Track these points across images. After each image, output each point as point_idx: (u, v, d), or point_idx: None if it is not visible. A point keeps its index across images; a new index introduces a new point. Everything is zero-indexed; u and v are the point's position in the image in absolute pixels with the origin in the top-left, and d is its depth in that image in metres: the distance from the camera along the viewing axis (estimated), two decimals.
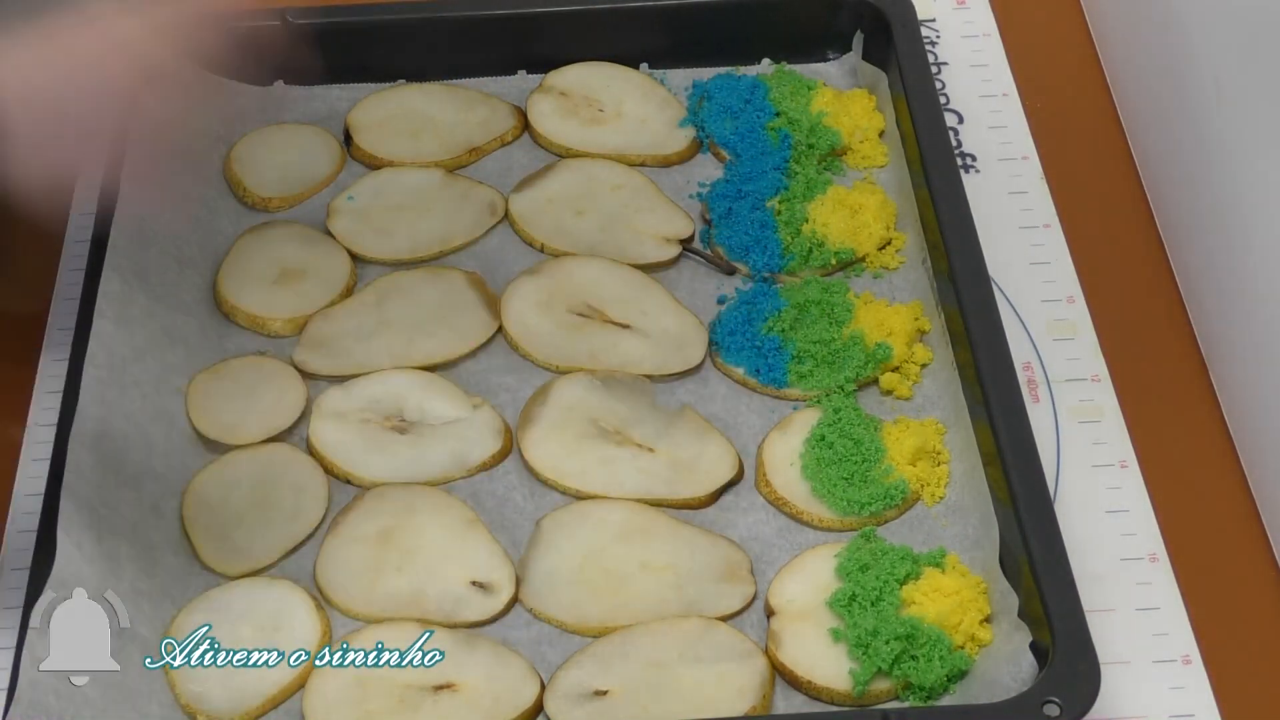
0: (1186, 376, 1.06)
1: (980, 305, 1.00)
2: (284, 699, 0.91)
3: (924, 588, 0.92)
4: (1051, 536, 0.90)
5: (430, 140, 1.16)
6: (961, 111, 1.21)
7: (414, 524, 0.97)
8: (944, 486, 0.99)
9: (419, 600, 0.94)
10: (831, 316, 1.04)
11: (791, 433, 1.00)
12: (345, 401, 1.02)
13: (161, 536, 0.96)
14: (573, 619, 0.93)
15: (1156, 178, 1.15)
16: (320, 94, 1.20)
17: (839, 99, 1.17)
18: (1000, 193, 1.15)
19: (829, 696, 0.90)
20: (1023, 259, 1.11)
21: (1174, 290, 1.10)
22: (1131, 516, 0.99)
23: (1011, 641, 0.88)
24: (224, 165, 1.15)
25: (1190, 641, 0.94)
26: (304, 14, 1.18)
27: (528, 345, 1.05)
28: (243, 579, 0.95)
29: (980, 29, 1.26)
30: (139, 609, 0.92)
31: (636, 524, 0.97)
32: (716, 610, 0.93)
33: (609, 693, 0.90)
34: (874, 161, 1.15)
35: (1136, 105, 1.19)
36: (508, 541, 0.97)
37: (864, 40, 1.18)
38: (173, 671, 0.91)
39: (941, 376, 1.03)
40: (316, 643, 0.92)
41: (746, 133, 1.15)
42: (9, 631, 0.91)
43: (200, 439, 1.01)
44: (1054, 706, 0.83)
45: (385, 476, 0.99)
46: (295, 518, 0.97)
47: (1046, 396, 1.04)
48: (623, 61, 1.21)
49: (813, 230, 1.10)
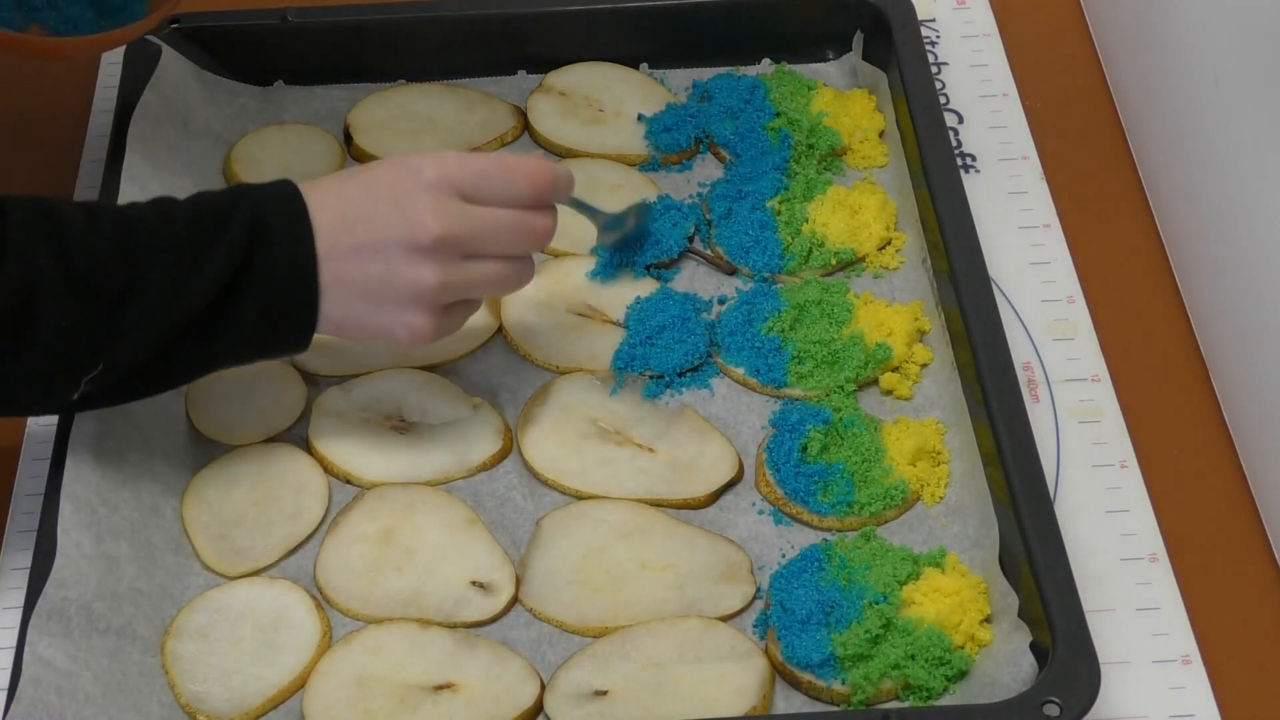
0: (1186, 376, 1.06)
1: (980, 305, 1.00)
2: (284, 699, 0.91)
3: (924, 588, 0.92)
4: (1051, 536, 0.90)
5: (430, 140, 1.16)
6: (961, 111, 1.21)
7: (414, 524, 0.97)
8: (944, 486, 0.99)
9: (419, 600, 0.94)
10: (831, 316, 1.04)
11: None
12: (345, 401, 1.02)
13: (161, 536, 0.96)
14: (572, 619, 0.93)
15: (1156, 178, 1.15)
16: (320, 94, 1.20)
17: (839, 99, 1.17)
18: (1000, 193, 1.15)
19: (829, 696, 0.90)
20: (1023, 259, 1.11)
21: (1174, 290, 1.10)
22: (1131, 516, 0.99)
23: (1011, 641, 0.88)
24: (224, 165, 1.15)
25: (1190, 641, 0.93)
26: (304, 14, 1.18)
27: (528, 345, 1.05)
28: (243, 579, 0.95)
29: (980, 29, 1.26)
30: (139, 609, 0.92)
31: (636, 524, 0.97)
32: (716, 610, 0.93)
33: (609, 693, 0.90)
34: (874, 161, 1.16)
35: (1136, 105, 1.19)
36: (508, 541, 0.97)
37: (864, 40, 1.18)
38: (173, 671, 0.91)
39: (941, 376, 1.03)
40: (316, 643, 0.92)
41: (746, 133, 1.15)
42: (9, 631, 0.91)
43: (200, 439, 1.01)
44: (1054, 706, 0.83)
45: (385, 476, 0.99)
46: (295, 518, 0.98)
47: (1046, 396, 1.04)
48: (623, 61, 1.21)
49: (813, 230, 1.10)
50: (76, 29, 1.04)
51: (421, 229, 0.89)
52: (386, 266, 0.90)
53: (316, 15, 1.18)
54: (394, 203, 0.90)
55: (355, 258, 0.89)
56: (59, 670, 0.86)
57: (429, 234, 0.89)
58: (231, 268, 0.87)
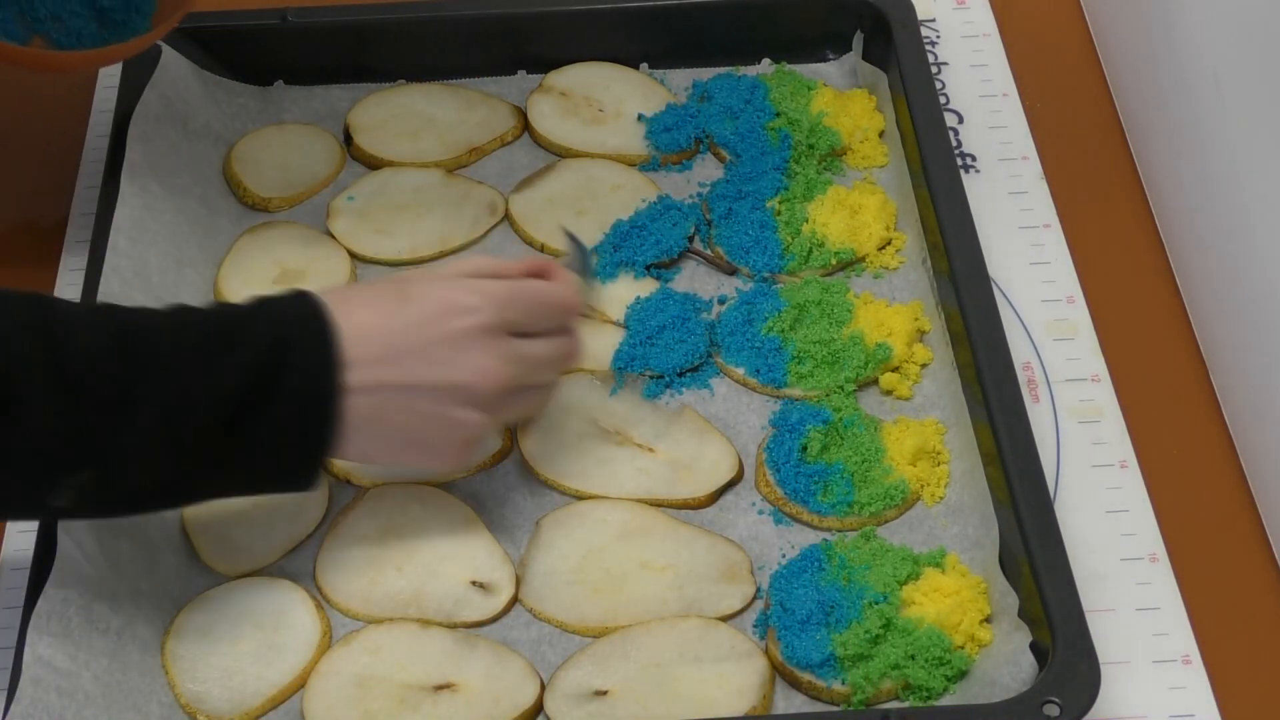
0: (1186, 376, 1.06)
1: (980, 305, 1.00)
2: (284, 699, 0.91)
3: (924, 588, 0.92)
4: (1051, 536, 0.90)
5: (430, 140, 1.16)
6: (961, 111, 1.21)
7: (414, 524, 0.97)
8: (944, 486, 0.99)
9: (419, 600, 0.94)
10: (831, 316, 1.04)
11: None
12: None
13: (161, 536, 0.96)
14: (572, 619, 0.93)
15: (1156, 178, 1.15)
16: (320, 94, 1.20)
17: (839, 99, 1.17)
18: (1000, 193, 1.15)
19: (829, 696, 0.90)
20: (1023, 259, 1.11)
21: (1174, 290, 1.10)
22: (1131, 516, 0.99)
23: (1011, 641, 0.88)
24: (224, 165, 1.15)
25: (1190, 641, 0.93)
26: (304, 14, 1.18)
27: None
28: (243, 579, 0.95)
29: (980, 29, 1.26)
30: (139, 609, 0.92)
31: (636, 524, 0.97)
32: (716, 610, 0.93)
33: (609, 693, 0.90)
34: (874, 161, 1.16)
35: (1136, 105, 1.19)
36: (508, 541, 0.97)
37: (864, 40, 1.18)
38: (173, 671, 0.91)
39: (941, 376, 1.03)
40: (316, 643, 0.92)
41: (746, 133, 1.15)
42: (9, 631, 0.91)
43: None
44: (1054, 706, 0.83)
45: (385, 476, 0.99)
46: (295, 518, 0.97)
47: (1046, 396, 1.04)
48: (623, 61, 1.21)
49: (813, 230, 1.10)
50: (79, 43, 1.04)
51: (486, 377, 0.87)
52: (438, 409, 0.87)
53: (316, 15, 1.18)
54: (449, 343, 0.87)
55: (402, 395, 0.86)
56: (59, 670, 0.86)
57: (496, 382, 0.88)
58: (243, 387, 0.82)
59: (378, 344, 0.86)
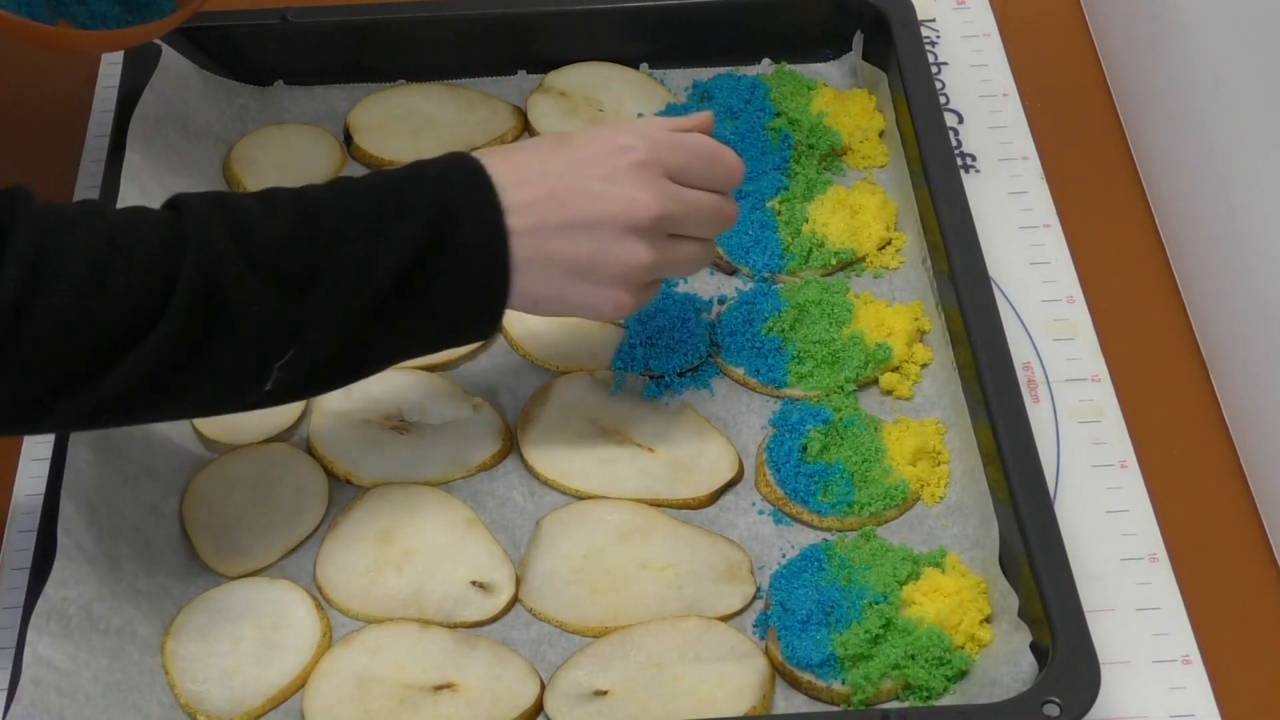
0: (1186, 376, 1.06)
1: (980, 305, 1.00)
2: (284, 699, 0.91)
3: (924, 588, 0.92)
4: (1051, 536, 0.90)
5: (430, 140, 1.16)
6: (961, 111, 1.21)
7: (414, 524, 0.97)
8: (944, 486, 0.99)
9: (419, 600, 0.94)
10: (831, 317, 1.04)
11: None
12: (345, 401, 1.02)
13: (161, 536, 0.96)
14: (572, 619, 0.93)
15: (1156, 178, 1.15)
16: (320, 94, 1.20)
17: (839, 99, 1.17)
18: (1000, 193, 1.15)
19: (829, 696, 0.90)
20: (1023, 259, 1.11)
21: (1174, 290, 1.10)
22: (1131, 516, 0.99)
23: (1011, 641, 0.88)
24: (224, 165, 1.15)
25: (1190, 641, 0.93)
26: (304, 14, 1.18)
27: (528, 345, 1.05)
28: (243, 579, 0.95)
29: (980, 29, 1.26)
30: (139, 609, 0.92)
31: (636, 524, 0.97)
32: (716, 610, 0.93)
33: (609, 693, 0.90)
34: (874, 161, 1.16)
35: (1136, 105, 1.19)
36: (508, 541, 0.97)
37: (864, 40, 1.18)
38: (173, 671, 0.91)
39: (941, 376, 1.03)
40: (316, 643, 0.92)
41: (746, 133, 1.15)
42: (9, 631, 0.91)
43: (200, 439, 1.01)
44: (1054, 706, 0.83)
45: (385, 476, 0.99)
46: (295, 518, 0.98)
47: (1046, 396, 1.04)
48: (623, 61, 1.21)
49: (813, 230, 1.10)
50: (104, 24, 1.04)
51: (639, 207, 0.89)
52: (599, 243, 0.89)
53: (316, 15, 1.19)
54: (606, 179, 0.89)
55: (564, 234, 0.88)
56: (59, 670, 0.86)
57: (648, 213, 0.89)
58: (418, 249, 0.85)
59: (537, 185, 0.89)
